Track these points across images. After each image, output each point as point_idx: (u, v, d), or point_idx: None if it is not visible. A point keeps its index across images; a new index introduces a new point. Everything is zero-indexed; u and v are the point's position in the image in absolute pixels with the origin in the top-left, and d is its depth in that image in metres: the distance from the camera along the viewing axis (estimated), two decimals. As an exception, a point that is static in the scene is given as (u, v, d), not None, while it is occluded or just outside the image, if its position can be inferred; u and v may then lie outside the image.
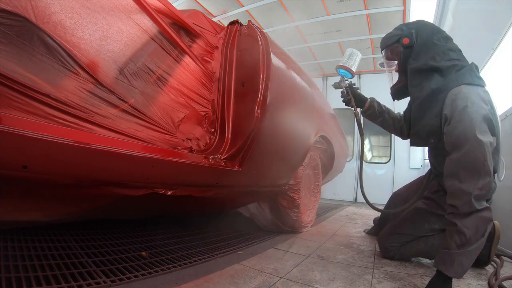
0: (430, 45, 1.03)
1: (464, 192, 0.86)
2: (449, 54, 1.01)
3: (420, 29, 1.07)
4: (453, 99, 0.93)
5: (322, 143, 2.16)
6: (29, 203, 0.81)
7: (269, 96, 1.19)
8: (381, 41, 1.19)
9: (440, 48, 1.02)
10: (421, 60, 1.04)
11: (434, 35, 1.04)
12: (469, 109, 0.88)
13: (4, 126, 0.56)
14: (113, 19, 0.91)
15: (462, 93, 0.92)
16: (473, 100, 0.90)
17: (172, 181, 1.00)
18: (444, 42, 1.03)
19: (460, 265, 0.86)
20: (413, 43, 1.06)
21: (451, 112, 0.92)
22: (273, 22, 3.91)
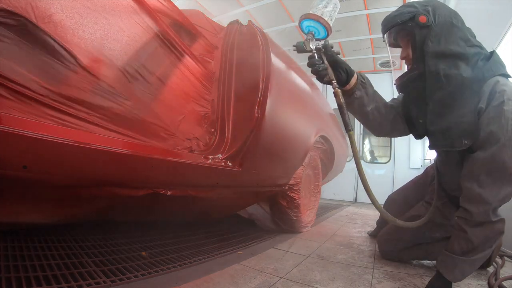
0: (450, 27, 0.85)
1: (483, 200, 0.79)
2: (472, 40, 0.86)
3: (436, 7, 0.87)
4: (489, 91, 0.80)
5: (322, 143, 2.16)
6: (29, 203, 0.81)
7: (269, 96, 1.19)
8: (387, 20, 0.93)
9: (461, 32, 0.85)
10: (442, 43, 0.84)
11: (453, 17, 0.86)
12: (506, 106, 0.77)
13: (4, 126, 0.56)
14: (113, 19, 0.91)
15: (500, 86, 0.80)
16: (510, 95, 0.78)
17: (172, 181, 1.00)
18: (462, 25, 0.87)
19: (461, 272, 0.84)
20: (431, 23, 0.84)
21: (486, 106, 0.80)
22: (273, 22, 3.91)
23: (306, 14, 0.90)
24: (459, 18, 0.88)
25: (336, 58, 0.94)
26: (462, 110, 0.83)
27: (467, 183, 0.84)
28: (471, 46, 0.84)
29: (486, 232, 0.80)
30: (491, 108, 0.79)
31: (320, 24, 0.89)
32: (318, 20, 0.88)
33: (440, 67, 0.84)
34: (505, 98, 0.78)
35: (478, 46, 0.86)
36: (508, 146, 0.76)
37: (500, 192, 0.78)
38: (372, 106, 1.00)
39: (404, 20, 0.88)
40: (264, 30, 1.34)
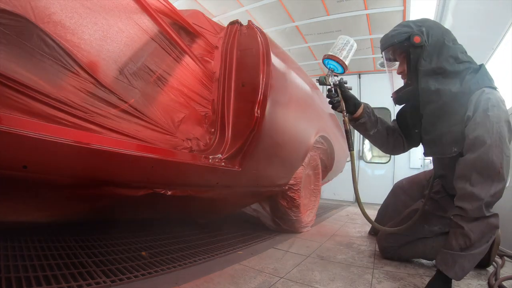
0: (442, 46, 0.95)
1: (476, 197, 0.84)
2: (461, 56, 0.96)
3: (430, 27, 0.97)
4: (475, 101, 0.89)
5: (322, 143, 2.16)
6: (29, 203, 0.81)
7: (269, 96, 1.19)
8: (385, 39, 1.04)
9: (452, 50, 0.95)
10: (433, 62, 0.95)
11: (444, 36, 0.96)
12: (490, 112, 0.85)
13: (4, 126, 0.56)
14: (113, 19, 0.91)
15: (485, 94, 0.89)
16: (493, 103, 0.87)
17: (172, 181, 1.00)
18: (453, 43, 0.97)
19: (461, 268, 0.85)
20: (424, 43, 0.95)
21: (472, 113, 0.88)
22: (273, 22, 3.91)
23: (328, 54, 1.06)
24: (451, 36, 0.98)
25: (348, 94, 1.10)
26: (451, 121, 0.93)
27: (459, 184, 0.89)
28: (460, 63, 0.94)
29: (482, 227, 0.84)
30: (477, 114, 0.87)
31: (338, 63, 1.06)
32: (338, 60, 1.05)
33: (431, 83, 0.94)
34: (490, 105, 0.86)
35: (467, 61, 0.96)
36: (495, 147, 0.82)
37: (491, 188, 0.83)
38: (374, 130, 1.15)
39: (400, 40, 0.98)
40: (264, 30, 1.34)
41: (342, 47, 1.08)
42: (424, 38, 0.95)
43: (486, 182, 0.84)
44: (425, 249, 1.21)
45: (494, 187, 0.83)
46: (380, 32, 3.90)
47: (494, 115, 0.84)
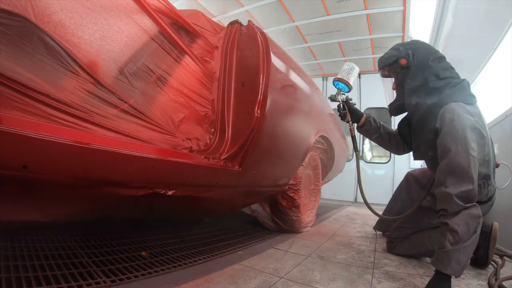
0: (425, 66, 1.09)
1: (449, 194, 0.92)
2: (442, 73, 1.08)
3: (416, 50, 1.13)
4: (442, 113, 1.00)
5: (322, 143, 2.16)
6: (29, 203, 0.81)
7: (269, 96, 1.19)
8: (379, 61, 1.25)
9: (434, 69, 1.08)
10: (417, 80, 1.10)
11: (429, 56, 1.11)
12: (456, 121, 0.96)
13: (4, 126, 0.56)
14: (113, 19, 0.91)
15: (451, 108, 0.99)
16: (459, 113, 0.97)
17: (172, 181, 1.00)
18: (438, 62, 1.10)
19: (457, 262, 0.87)
20: (410, 64, 1.12)
21: (440, 126, 1.00)
22: (273, 22, 3.91)
23: (337, 77, 1.30)
24: (437, 55, 1.12)
25: (352, 107, 1.34)
26: (426, 130, 1.07)
27: (437, 189, 0.98)
28: (441, 79, 1.07)
29: (464, 217, 0.90)
30: (444, 126, 0.98)
31: (345, 84, 1.30)
32: (345, 82, 1.29)
33: (414, 98, 1.11)
34: (455, 115, 0.97)
35: (449, 77, 1.08)
36: (461, 151, 0.93)
37: (462, 186, 0.92)
38: (376, 135, 1.36)
39: (390, 63, 1.18)
40: (264, 30, 1.34)
41: (348, 72, 1.30)
42: (410, 60, 1.12)
43: (457, 182, 0.92)
44: (424, 238, 1.28)
45: (465, 186, 0.91)
46: (380, 32, 3.90)
47: (458, 123, 0.95)
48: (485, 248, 1.17)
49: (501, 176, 1.22)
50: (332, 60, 4.85)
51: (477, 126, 0.97)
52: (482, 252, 1.18)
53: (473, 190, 0.91)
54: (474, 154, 0.93)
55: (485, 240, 1.17)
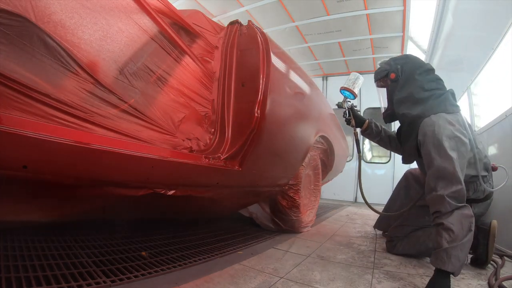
0: (412, 79, 1.19)
1: (441, 196, 0.98)
2: (428, 85, 1.17)
3: (405, 64, 1.24)
4: (424, 126, 1.10)
5: (322, 143, 2.16)
6: (29, 203, 0.81)
7: (269, 96, 1.19)
8: (375, 74, 1.36)
9: (420, 82, 1.18)
10: (404, 92, 1.20)
11: (416, 70, 1.20)
12: (436, 132, 1.05)
13: (4, 126, 0.56)
14: (113, 19, 0.91)
15: (431, 120, 1.09)
16: (439, 124, 1.06)
17: (172, 181, 1.00)
18: (425, 75, 1.19)
19: (457, 259, 0.90)
20: (398, 78, 1.23)
21: (423, 138, 1.09)
22: (273, 22, 3.91)
23: (344, 86, 1.43)
24: (424, 69, 1.21)
25: (356, 114, 1.47)
26: (411, 138, 1.17)
27: (428, 196, 1.05)
28: (426, 91, 1.16)
29: (458, 217, 0.95)
30: (426, 138, 1.07)
31: (350, 92, 1.42)
32: (350, 91, 1.42)
33: (401, 108, 1.22)
34: (435, 127, 1.06)
35: (434, 89, 1.17)
36: (444, 158, 1.01)
37: (452, 187, 0.98)
38: (378, 138, 1.49)
39: (382, 76, 1.31)
40: (264, 30, 1.34)
41: (353, 81, 1.42)
42: (398, 74, 1.23)
43: (447, 185, 0.99)
44: (425, 235, 1.30)
45: (454, 187, 0.98)
46: (380, 32, 3.90)
47: (438, 133, 1.04)
48: (485, 245, 1.18)
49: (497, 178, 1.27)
50: (332, 60, 4.85)
51: (456, 134, 1.04)
52: (481, 250, 1.19)
53: (462, 189, 0.98)
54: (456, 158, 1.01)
55: (484, 238, 1.18)
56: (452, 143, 1.03)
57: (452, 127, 1.05)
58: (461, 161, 1.03)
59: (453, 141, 1.03)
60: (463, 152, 1.04)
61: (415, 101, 1.17)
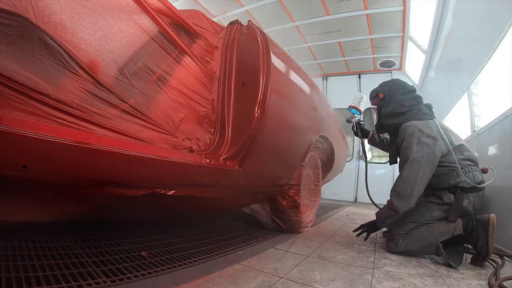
0: (395, 98, 1.54)
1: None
2: (406, 103, 1.50)
3: (391, 86, 1.59)
4: (400, 132, 1.43)
5: (322, 143, 2.16)
6: (29, 203, 0.81)
7: (269, 96, 1.19)
8: (370, 93, 1.71)
9: (400, 100, 1.52)
10: (389, 108, 1.55)
11: (399, 91, 1.55)
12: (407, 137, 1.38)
13: (4, 126, 0.56)
14: (113, 19, 0.91)
15: (407, 127, 1.41)
16: (410, 132, 1.38)
17: (172, 181, 1.00)
18: (406, 95, 1.53)
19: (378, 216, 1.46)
20: (385, 97, 1.58)
21: (400, 142, 1.42)
22: (273, 22, 3.91)
23: (351, 105, 1.77)
24: (405, 90, 1.55)
25: (362, 127, 1.80)
26: (393, 143, 1.55)
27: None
28: (404, 106, 1.49)
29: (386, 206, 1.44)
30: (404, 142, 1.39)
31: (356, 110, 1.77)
32: (356, 108, 1.76)
33: (386, 121, 1.57)
34: (407, 134, 1.39)
35: (412, 104, 1.49)
36: (414, 164, 1.33)
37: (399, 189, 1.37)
38: (381, 145, 1.84)
39: (373, 96, 1.67)
40: (264, 30, 1.34)
41: (359, 100, 1.76)
42: (385, 94, 1.58)
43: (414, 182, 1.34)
44: (427, 231, 1.34)
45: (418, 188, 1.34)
46: (380, 32, 3.90)
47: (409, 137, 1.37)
48: (485, 238, 1.19)
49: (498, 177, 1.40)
50: (332, 60, 4.85)
51: (421, 139, 1.35)
52: (482, 243, 1.20)
53: (409, 203, 1.36)
54: (417, 167, 1.33)
55: (484, 230, 1.20)
56: (420, 140, 1.34)
57: (420, 133, 1.35)
58: (426, 158, 1.32)
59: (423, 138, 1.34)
60: (431, 146, 1.33)
61: (396, 115, 1.50)
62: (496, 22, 1.84)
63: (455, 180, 1.34)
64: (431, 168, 1.32)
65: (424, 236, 1.33)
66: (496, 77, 1.97)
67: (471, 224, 1.24)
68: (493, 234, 1.19)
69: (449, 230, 1.27)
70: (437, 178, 1.38)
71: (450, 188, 1.36)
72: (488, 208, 1.73)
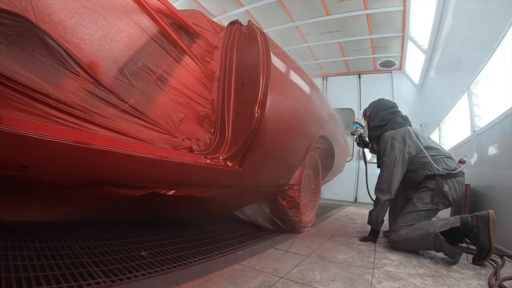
0: (377, 115, 1.86)
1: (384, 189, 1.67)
2: (386, 117, 1.80)
3: (376, 105, 1.91)
4: (380, 141, 1.77)
5: (322, 143, 2.16)
6: (29, 203, 0.81)
7: (269, 96, 1.19)
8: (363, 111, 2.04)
9: (381, 116, 1.83)
10: (374, 123, 1.86)
11: (380, 108, 1.86)
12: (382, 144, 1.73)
13: (4, 126, 0.56)
14: (113, 19, 0.91)
15: (383, 137, 1.75)
16: (385, 140, 1.71)
17: (172, 181, 1.00)
18: (386, 111, 1.83)
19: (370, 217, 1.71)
20: (371, 114, 1.91)
21: (379, 149, 1.79)
22: (273, 22, 3.91)
23: (355, 120, 2.02)
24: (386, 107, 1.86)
25: (364, 139, 2.06)
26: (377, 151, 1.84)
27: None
28: (384, 120, 1.80)
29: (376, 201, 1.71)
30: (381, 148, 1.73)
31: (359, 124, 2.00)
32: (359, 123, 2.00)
33: (372, 133, 1.88)
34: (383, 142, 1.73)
35: (391, 118, 1.79)
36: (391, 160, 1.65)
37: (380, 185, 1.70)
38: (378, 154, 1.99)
39: (363, 114, 1.99)
40: (264, 30, 1.34)
41: (362, 116, 2.01)
42: (371, 112, 1.90)
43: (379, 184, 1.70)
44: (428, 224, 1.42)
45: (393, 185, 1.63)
46: (380, 32, 3.90)
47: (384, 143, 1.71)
48: (486, 232, 1.22)
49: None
50: (332, 60, 4.85)
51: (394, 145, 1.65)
52: (484, 237, 1.22)
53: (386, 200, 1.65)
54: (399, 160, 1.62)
55: (484, 225, 1.23)
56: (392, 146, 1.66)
57: (393, 140, 1.67)
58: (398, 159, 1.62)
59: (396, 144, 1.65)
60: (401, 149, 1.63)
61: (379, 127, 1.82)
62: (496, 22, 1.84)
63: (430, 171, 1.58)
64: (402, 167, 1.62)
65: (424, 227, 1.41)
66: (496, 77, 1.97)
67: (471, 220, 1.27)
68: (494, 229, 1.21)
69: (447, 224, 1.34)
70: (415, 173, 1.64)
71: (430, 176, 1.58)
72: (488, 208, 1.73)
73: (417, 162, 1.62)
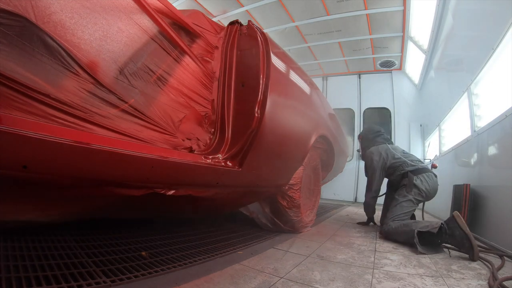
0: (366, 137, 2.40)
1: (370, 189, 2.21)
2: (373, 139, 2.31)
3: (367, 130, 2.48)
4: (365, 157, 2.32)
5: (322, 143, 2.16)
6: (29, 203, 0.81)
7: (269, 96, 1.19)
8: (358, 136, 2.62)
9: (370, 137, 2.35)
10: (363, 144, 2.41)
11: (369, 131, 2.41)
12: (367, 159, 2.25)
13: (4, 126, 0.56)
14: (113, 19, 0.91)
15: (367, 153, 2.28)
16: (367, 155, 2.25)
17: (172, 181, 1.00)
18: (373, 134, 2.35)
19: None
20: (362, 138, 2.45)
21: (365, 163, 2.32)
22: (273, 22, 3.91)
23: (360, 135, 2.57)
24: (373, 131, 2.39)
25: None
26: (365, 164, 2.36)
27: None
28: (371, 141, 2.32)
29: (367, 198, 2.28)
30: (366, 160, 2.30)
31: None
32: None
33: (365, 151, 2.36)
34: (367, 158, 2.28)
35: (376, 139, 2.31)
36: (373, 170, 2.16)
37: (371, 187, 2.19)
38: None
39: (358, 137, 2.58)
40: (264, 30, 1.34)
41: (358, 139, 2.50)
42: (363, 136, 2.46)
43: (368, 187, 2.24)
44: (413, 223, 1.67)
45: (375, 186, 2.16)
46: (380, 32, 3.90)
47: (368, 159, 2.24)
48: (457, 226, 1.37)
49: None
50: (332, 60, 4.85)
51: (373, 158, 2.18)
52: (457, 232, 1.37)
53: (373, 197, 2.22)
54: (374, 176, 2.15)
55: (453, 222, 1.40)
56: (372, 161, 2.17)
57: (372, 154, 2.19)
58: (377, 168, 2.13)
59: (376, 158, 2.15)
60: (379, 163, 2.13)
61: (367, 147, 2.32)
62: (496, 22, 1.84)
63: (402, 170, 2.02)
64: (380, 172, 2.13)
65: (409, 224, 1.67)
66: (496, 77, 1.97)
67: (443, 226, 1.45)
68: (462, 222, 1.37)
69: (427, 226, 1.53)
70: (393, 176, 2.12)
71: (404, 174, 2.00)
72: (487, 208, 1.73)
73: (392, 167, 2.09)
